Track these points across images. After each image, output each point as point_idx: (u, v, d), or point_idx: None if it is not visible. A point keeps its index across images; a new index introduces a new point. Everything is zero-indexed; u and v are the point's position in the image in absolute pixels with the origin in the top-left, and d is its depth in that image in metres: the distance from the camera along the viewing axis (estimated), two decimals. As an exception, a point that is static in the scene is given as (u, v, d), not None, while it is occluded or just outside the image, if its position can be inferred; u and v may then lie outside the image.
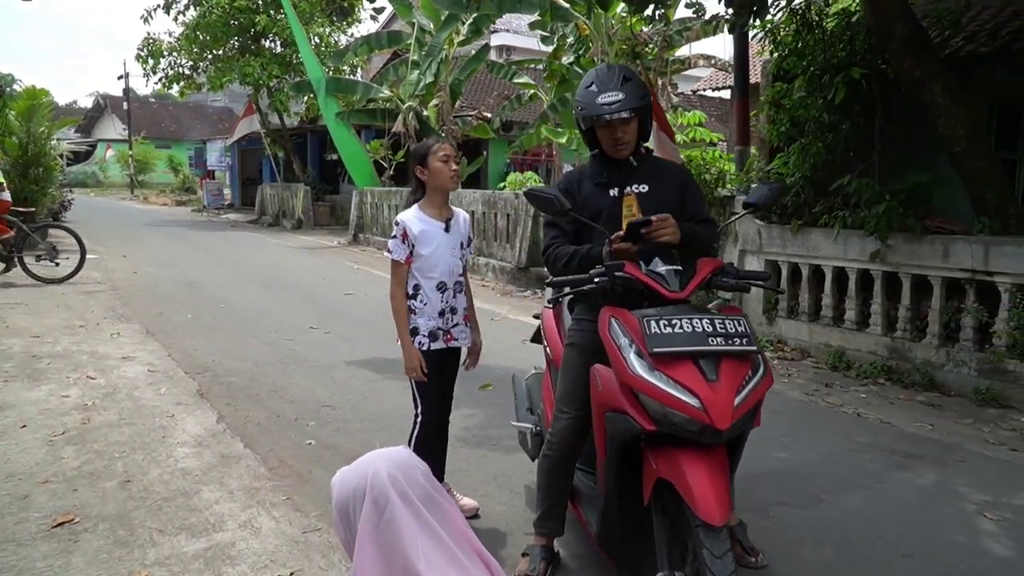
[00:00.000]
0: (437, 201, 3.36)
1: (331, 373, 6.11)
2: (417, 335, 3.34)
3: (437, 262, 3.32)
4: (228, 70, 23.51)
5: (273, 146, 25.61)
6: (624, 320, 2.55)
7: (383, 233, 16.81)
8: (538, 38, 19.88)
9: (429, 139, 3.33)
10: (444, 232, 3.34)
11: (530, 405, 3.78)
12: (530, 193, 2.81)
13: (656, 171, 3.02)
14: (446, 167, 3.28)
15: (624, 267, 2.66)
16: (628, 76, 2.89)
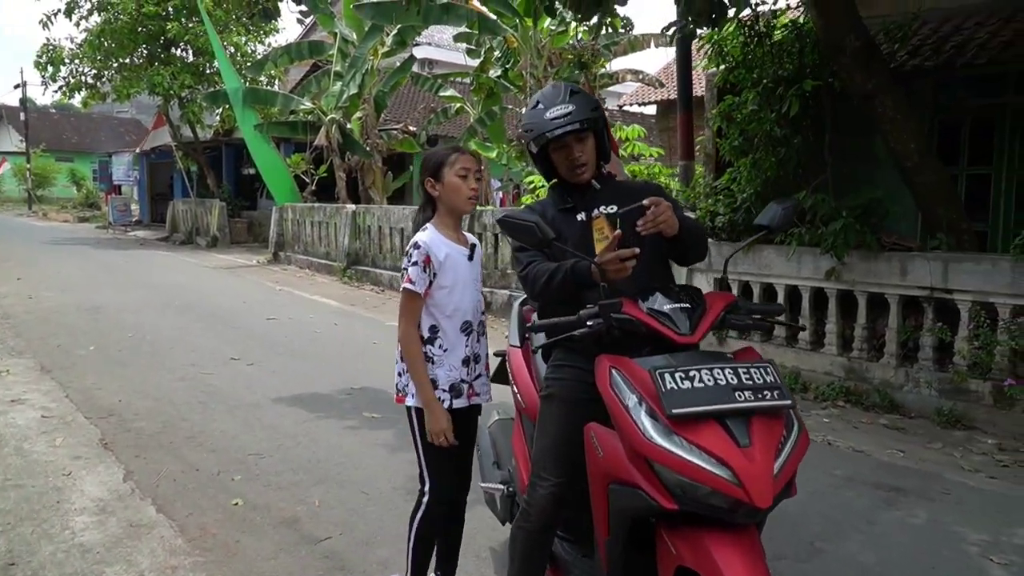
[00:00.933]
0: (451, 223, 2.78)
1: (257, 413, 5.49)
2: (435, 390, 2.67)
3: (463, 296, 2.73)
4: (136, 79, 22.33)
5: (185, 159, 24.37)
6: (630, 373, 2.12)
7: (305, 251, 16.08)
8: (463, 51, 19.51)
9: (444, 147, 2.80)
10: (468, 260, 2.77)
11: (497, 459, 3.29)
12: (506, 221, 2.36)
13: (623, 191, 2.66)
14: (464, 184, 2.69)
15: (622, 306, 2.23)
16: (575, 90, 2.58)
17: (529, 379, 3.00)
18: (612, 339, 2.29)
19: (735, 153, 6.70)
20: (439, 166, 2.69)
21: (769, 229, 2.51)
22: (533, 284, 2.50)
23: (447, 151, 2.74)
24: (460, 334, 2.73)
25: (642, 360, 2.16)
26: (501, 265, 10.33)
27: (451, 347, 2.71)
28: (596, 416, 2.31)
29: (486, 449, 3.37)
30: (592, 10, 5.92)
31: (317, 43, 18.75)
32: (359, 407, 5.63)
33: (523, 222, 2.33)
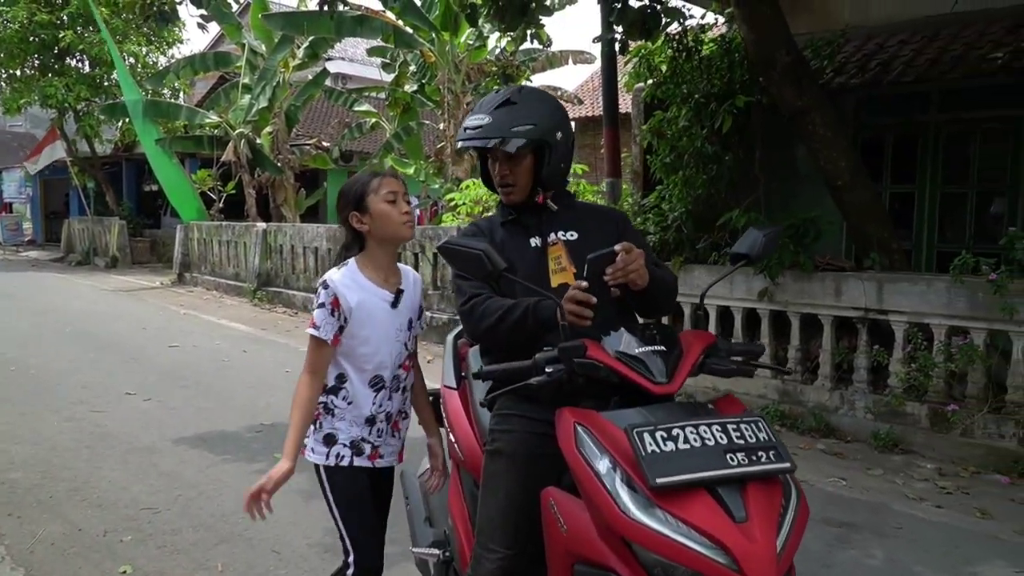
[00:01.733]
0: (383, 260, 2.40)
1: (153, 458, 4.92)
2: (334, 444, 2.38)
3: (376, 349, 2.37)
4: (26, 91, 20.92)
5: (81, 176, 22.94)
6: (599, 431, 1.78)
7: (212, 272, 15.26)
8: (378, 65, 19.06)
9: (362, 173, 2.44)
10: (390, 307, 2.39)
11: (429, 515, 2.89)
12: (449, 248, 1.99)
13: (583, 215, 2.37)
14: (395, 209, 2.33)
15: (586, 349, 1.89)
16: (513, 100, 2.23)
17: (468, 427, 2.60)
18: (573, 387, 1.95)
19: (665, 170, 6.52)
20: (361, 196, 2.33)
21: (749, 258, 2.19)
22: (478, 322, 2.14)
23: (367, 177, 2.38)
24: (368, 389, 2.39)
25: (613, 415, 1.82)
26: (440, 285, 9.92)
27: (356, 402, 2.39)
28: (553, 476, 2.00)
29: (416, 504, 2.96)
30: (517, 20, 5.65)
31: (224, 54, 17.95)
32: (270, 447, 5.12)
33: (468, 250, 1.96)
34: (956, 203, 7.25)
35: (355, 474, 2.40)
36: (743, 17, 5.92)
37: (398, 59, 16.41)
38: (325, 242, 11.85)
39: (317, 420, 2.39)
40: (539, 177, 2.25)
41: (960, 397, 5.19)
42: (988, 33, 6.63)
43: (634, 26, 5.01)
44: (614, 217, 2.49)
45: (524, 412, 2.16)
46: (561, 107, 2.34)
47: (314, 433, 2.40)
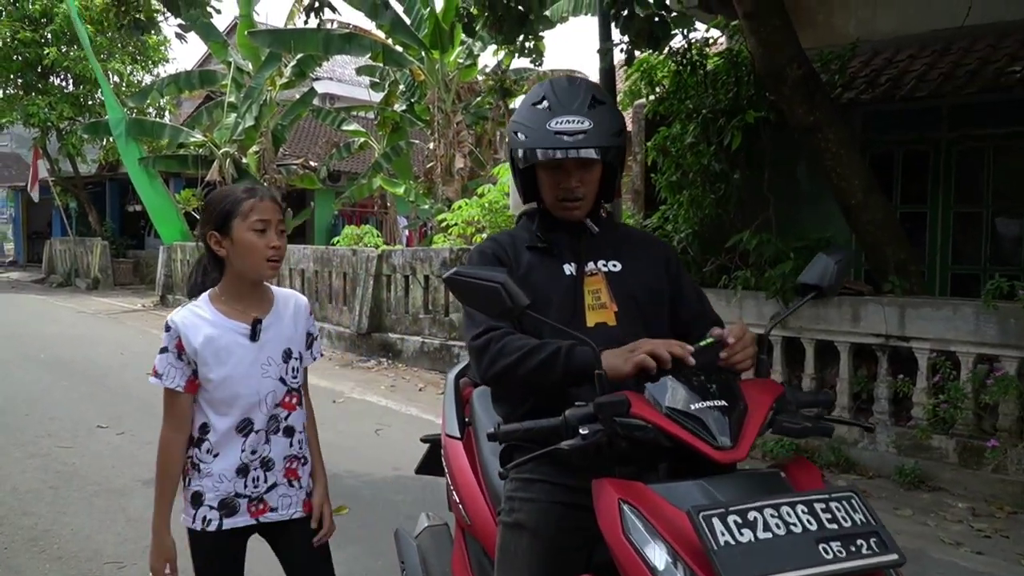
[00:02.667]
0: (242, 289, 2.08)
1: (122, 501, 4.52)
2: (200, 506, 2.06)
3: (237, 389, 2.04)
4: (8, 109, 20.58)
5: (64, 195, 22.56)
6: (651, 511, 1.42)
7: (197, 294, 14.83)
8: (366, 86, 18.82)
9: (236, 186, 2.10)
10: (248, 340, 2.06)
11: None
12: (459, 280, 1.63)
13: (628, 242, 2.03)
14: (262, 241, 1.99)
15: (631, 406, 1.52)
16: (600, 98, 1.86)
17: (475, 485, 2.24)
18: (616, 453, 1.59)
19: (670, 189, 6.22)
20: (226, 216, 2.00)
21: (820, 290, 1.85)
22: (493, 361, 1.77)
23: (241, 194, 2.02)
24: (236, 435, 2.06)
25: (667, 490, 1.47)
26: (412, 309, 9.55)
27: (223, 452, 2.06)
28: (585, 554, 1.71)
29: (413, 568, 2.59)
30: (515, 31, 5.37)
31: (210, 72, 17.70)
32: (251, 488, 4.73)
33: (483, 282, 1.60)
34: (970, 223, 6.99)
35: (224, 540, 2.09)
36: (751, 30, 5.65)
37: (387, 78, 16.19)
38: (312, 264, 11.48)
39: (186, 477, 2.09)
40: (607, 188, 1.97)
41: (991, 430, 4.86)
42: (1002, 46, 6.39)
43: (641, 35, 4.73)
44: (664, 251, 2.12)
45: (549, 477, 1.80)
46: None
47: (183, 491, 2.10)
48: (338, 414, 6.71)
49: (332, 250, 11.49)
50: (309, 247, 12.62)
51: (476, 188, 11.92)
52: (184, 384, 2.01)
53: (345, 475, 5.02)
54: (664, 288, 1.99)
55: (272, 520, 2.13)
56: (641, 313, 1.90)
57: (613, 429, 1.53)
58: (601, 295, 1.89)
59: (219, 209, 2.01)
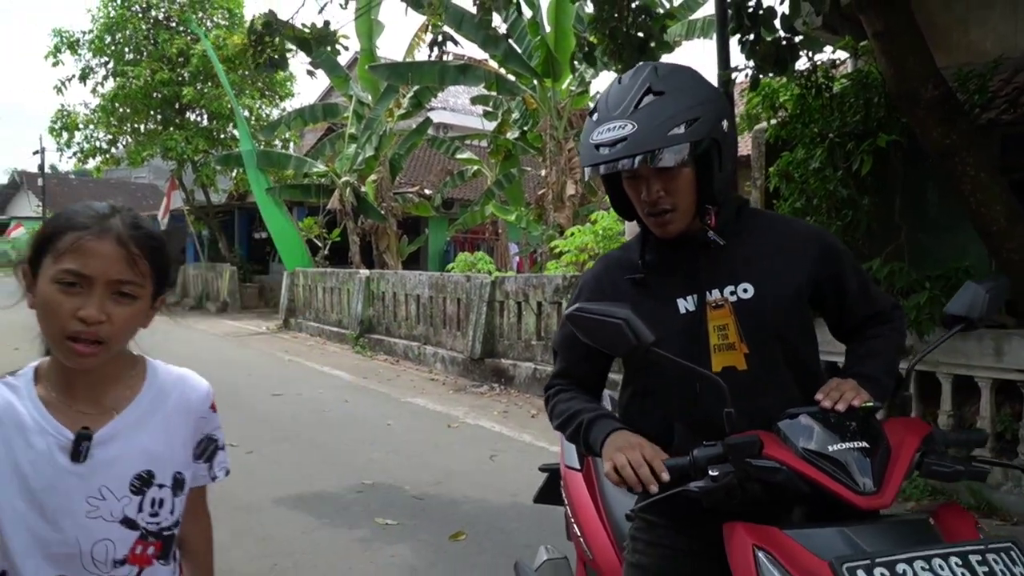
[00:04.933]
0: (67, 372, 1.31)
1: (252, 519, 4.71)
2: None
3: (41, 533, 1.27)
4: (149, 144, 22.15)
5: (197, 223, 24.05)
6: (788, 560, 1.33)
7: (316, 318, 15.44)
8: (478, 115, 19.23)
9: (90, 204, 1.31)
10: (71, 460, 1.28)
11: None
12: (580, 317, 1.53)
13: (767, 249, 1.67)
14: (66, 303, 1.22)
15: (763, 447, 1.45)
16: (657, 88, 1.55)
17: (597, 520, 2.21)
18: (748, 497, 1.48)
19: (794, 215, 6.01)
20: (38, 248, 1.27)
21: (970, 321, 1.69)
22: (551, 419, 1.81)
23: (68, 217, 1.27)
24: None
25: (804, 536, 1.37)
26: (525, 335, 9.60)
27: None
28: None
29: None
30: (634, 58, 5.34)
31: (331, 105, 18.52)
32: (371, 511, 4.84)
33: (606, 319, 1.49)
34: None
35: None
36: (881, 50, 5.42)
37: (500, 106, 16.50)
38: (427, 290, 11.74)
39: None
40: (707, 192, 1.61)
41: None
42: None
43: (767, 60, 4.61)
44: (816, 247, 1.70)
45: (673, 520, 1.69)
46: (715, 86, 1.73)
47: None
48: (453, 439, 6.80)
49: (446, 276, 11.71)
50: (424, 273, 12.92)
51: (588, 214, 11.93)
52: None
53: (462, 500, 5.07)
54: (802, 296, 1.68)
55: None
56: (781, 347, 1.64)
57: (744, 471, 1.45)
58: (728, 332, 1.62)
59: (40, 232, 1.29)
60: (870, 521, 1.41)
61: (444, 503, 5.04)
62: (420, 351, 11.57)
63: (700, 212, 1.63)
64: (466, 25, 12.34)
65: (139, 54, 21.54)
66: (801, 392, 1.62)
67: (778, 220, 1.84)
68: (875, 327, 1.76)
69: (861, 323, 1.77)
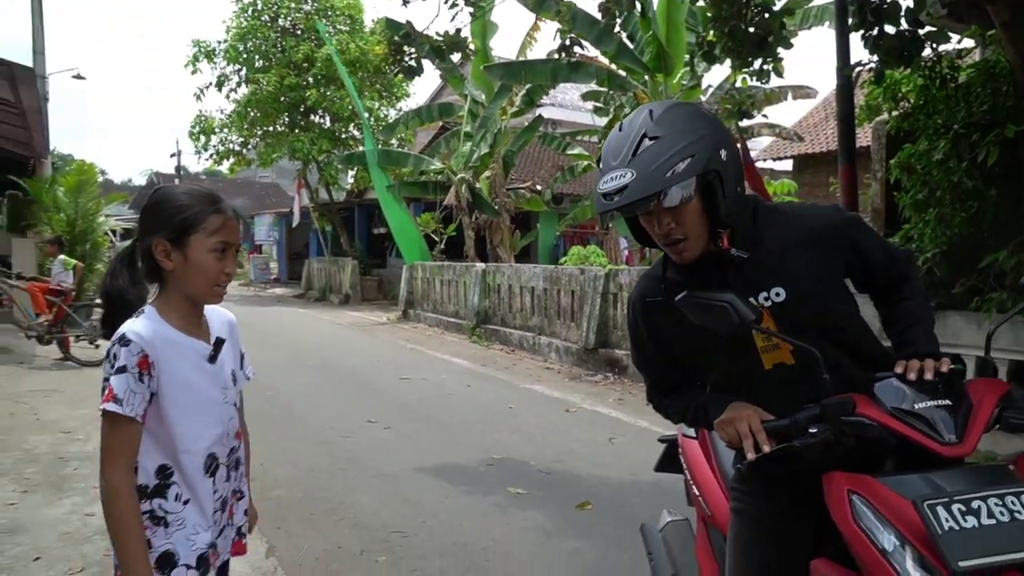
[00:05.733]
0: (187, 306, 1.81)
1: (396, 485, 5.21)
2: (173, 568, 1.71)
3: (204, 419, 1.78)
4: (278, 145, 23.51)
5: (321, 220, 25.40)
6: (879, 501, 1.56)
7: (434, 309, 16.11)
8: (587, 110, 19.47)
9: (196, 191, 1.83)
10: (209, 363, 1.82)
11: (675, 572, 2.72)
12: (691, 301, 1.70)
13: (785, 251, 1.80)
14: (217, 265, 1.76)
15: (855, 407, 1.66)
16: (651, 134, 1.69)
17: (713, 479, 2.44)
18: (843, 451, 1.69)
19: (916, 208, 6.03)
20: (186, 228, 1.73)
21: None
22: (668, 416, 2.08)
23: (202, 207, 1.75)
24: (203, 475, 1.77)
25: (894, 482, 1.59)
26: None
27: (195, 497, 1.75)
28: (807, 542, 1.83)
29: (661, 560, 2.80)
30: (754, 54, 5.51)
31: (446, 105, 19.17)
32: (502, 481, 5.25)
33: (712, 302, 1.66)
34: None
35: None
36: (1009, 39, 5.39)
37: (612, 102, 16.67)
38: (542, 282, 12.13)
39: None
40: (715, 217, 1.74)
41: None
42: None
43: (891, 53, 4.69)
44: (831, 231, 1.84)
45: (771, 476, 1.89)
46: (711, 116, 1.85)
47: None
48: (572, 422, 7.14)
49: (560, 269, 12.06)
50: (539, 266, 13.32)
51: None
52: (141, 412, 1.66)
53: (585, 476, 5.41)
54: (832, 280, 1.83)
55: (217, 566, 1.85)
56: (825, 335, 1.78)
57: (840, 428, 1.66)
58: (771, 336, 1.79)
59: (179, 217, 1.72)
60: (953, 467, 1.62)
61: (568, 478, 5.39)
62: (535, 341, 11.98)
63: (712, 235, 1.77)
64: (579, 23, 12.62)
65: (268, 61, 22.94)
66: (859, 367, 1.82)
67: (792, 215, 1.90)
68: (901, 286, 1.93)
69: (889, 284, 1.93)
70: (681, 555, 2.73)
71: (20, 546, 4.08)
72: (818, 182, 17.40)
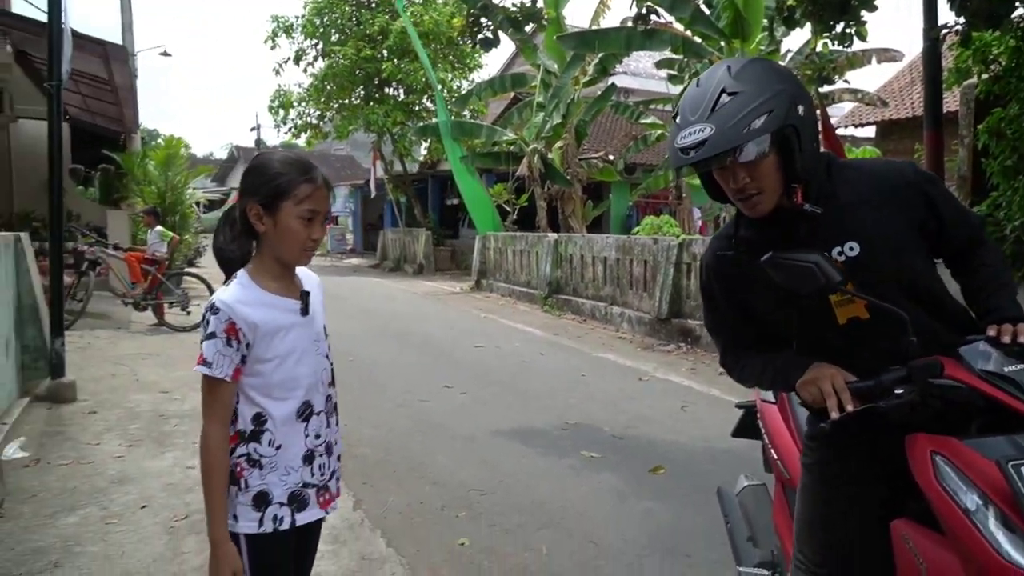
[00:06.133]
0: (278, 266, 1.96)
1: (474, 446, 5.41)
2: (268, 505, 1.91)
3: (298, 370, 1.95)
4: (353, 118, 23.93)
5: (395, 191, 25.84)
6: (963, 462, 1.58)
7: (506, 279, 16.30)
8: (660, 78, 19.17)
9: (290, 157, 1.96)
10: (299, 316, 1.97)
11: (752, 534, 2.77)
12: (777, 262, 1.72)
13: (860, 207, 1.80)
14: (305, 231, 1.89)
15: (943, 369, 1.67)
16: (730, 89, 1.70)
17: (792, 444, 2.46)
18: (929, 413, 1.69)
19: (1004, 175, 5.84)
20: (278, 195, 1.86)
21: None
22: (744, 381, 2.07)
23: (294, 175, 1.88)
24: (296, 422, 1.94)
25: (978, 444, 1.60)
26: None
27: (286, 442, 1.93)
28: (871, 502, 1.87)
29: (738, 522, 2.86)
30: (836, 17, 5.41)
31: (519, 75, 19.18)
32: (577, 445, 5.39)
33: (798, 263, 1.68)
34: None
35: (291, 540, 1.96)
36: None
37: (687, 70, 16.39)
38: (614, 252, 12.15)
39: (239, 480, 1.90)
40: (791, 171, 1.75)
41: None
42: None
43: (978, 15, 4.54)
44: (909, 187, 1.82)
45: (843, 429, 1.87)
46: (789, 71, 1.84)
47: (239, 495, 1.90)
48: (644, 390, 7.22)
49: (633, 239, 12.06)
50: (611, 236, 13.33)
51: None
52: (231, 373, 1.85)
53: (658, 442, 5.51)
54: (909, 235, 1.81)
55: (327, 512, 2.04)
56: (900, 290, 1.77)
57: (926, 390, 1.66)
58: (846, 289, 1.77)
59: (271, 184, 1.86)
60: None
61: (641, 443, 5.50)
62: (607, 311, 12.04)
63: (787, 190, 1.77)
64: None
65: (344, 34, 23.28)
66: (935, 321, 1.81)
67: (865, 170, 1.89)
68: (977, 251, 1.90)
69: (964, 247, 1.90)
70: (757, 518, 2.79)
71: (129, 495, 4.42)
72: (903, 149, 16.77)
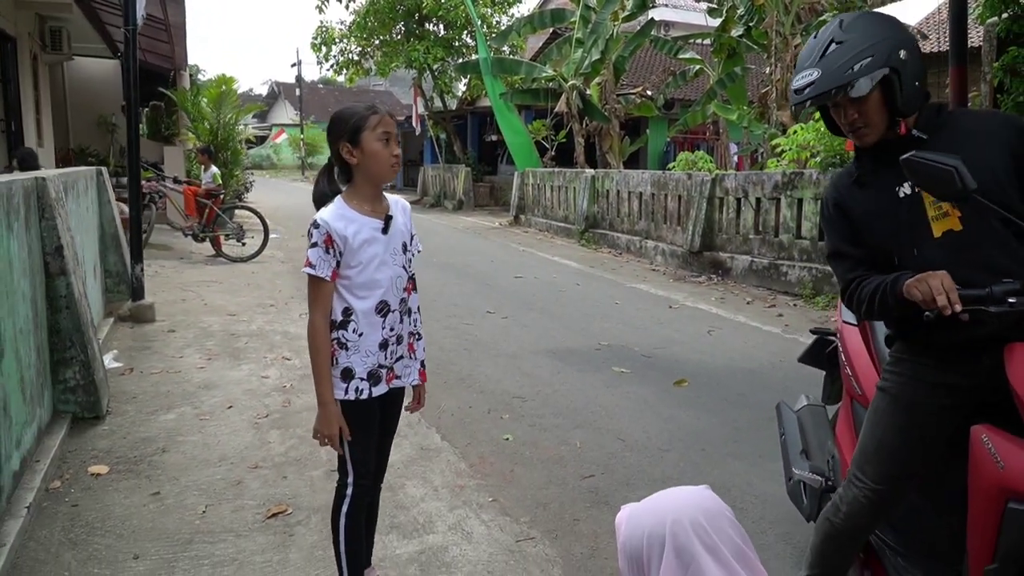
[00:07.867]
0: (368, 192, 2.48)
1: (516, 362, 5.98)
2: (352, 379, 2.45)
3: (377, 276, 2.46)
4: (395, 55, 24.14)
5: (435, 128, 26.15)
6: None
7: (544, 215, 16.72)
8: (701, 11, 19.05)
9: (358, 106, 2.48)
10: (382, 234, 2.48)
11: (805, 448, 2.94)
12: (914, 162, 1.86)
13: (963, 136, 2.01)
14: (387, 150, 2.40)
15: None
16: (838, 39, 2.00)
17: (869, 363, 2.60)
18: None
19: (1018, 111, 6.10)
20: (357, 130, 2.38)
21: None
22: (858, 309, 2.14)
23: (364, 112, 2.41)
24: (376, 316, 2.47)
25: None
26: (743, 229, 10.16)
27: (366, 331, 2.46)
28: (935, 427, 2.10)
29: (792, 437, 3.03)
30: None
31: (559, 11, 19.20)
32: (609, 362, 5.94)
33: (937, 164, 1.81)
34: None
35: (372, 407, 2.50)
36: None
37: (725, 3, 16.33)
38: (649, 187, 12.49)
39: (333, 357, 2.45)
40: (894, 108, 2.01)
41: None
42: None
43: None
44: (1008, 129, 2.02)
45: (917, 359, 2.13)
46: (895, 21, 2.07)
47: (331, 370, 2.46)
48: (673, 317, 7.71)
49: (668, 175, 12.37)
50: (646, 172, 13.63)
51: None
52: (330, 273, 2.38)
53: (684, 360, 6.03)
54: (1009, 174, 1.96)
55: (397, 387, 2.59)
56: (1007, 223, 1.91)
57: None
58: (942, 203, 1.98)
59: (351, 124, 2.37)
60: None
61: (669, 361, 6.02)
62: (641, 244, 12.46)
63: (892, 124, 2.05)
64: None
65: (385, -31, 23.35)
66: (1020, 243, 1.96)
67: (972, 115, 2.19)
68: None
69: None
70: (814, 435, 2.95)
71: (215, 398, 5.08)
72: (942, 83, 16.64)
